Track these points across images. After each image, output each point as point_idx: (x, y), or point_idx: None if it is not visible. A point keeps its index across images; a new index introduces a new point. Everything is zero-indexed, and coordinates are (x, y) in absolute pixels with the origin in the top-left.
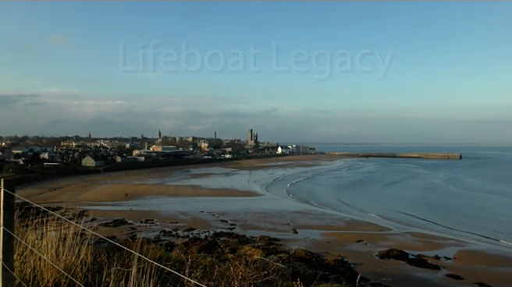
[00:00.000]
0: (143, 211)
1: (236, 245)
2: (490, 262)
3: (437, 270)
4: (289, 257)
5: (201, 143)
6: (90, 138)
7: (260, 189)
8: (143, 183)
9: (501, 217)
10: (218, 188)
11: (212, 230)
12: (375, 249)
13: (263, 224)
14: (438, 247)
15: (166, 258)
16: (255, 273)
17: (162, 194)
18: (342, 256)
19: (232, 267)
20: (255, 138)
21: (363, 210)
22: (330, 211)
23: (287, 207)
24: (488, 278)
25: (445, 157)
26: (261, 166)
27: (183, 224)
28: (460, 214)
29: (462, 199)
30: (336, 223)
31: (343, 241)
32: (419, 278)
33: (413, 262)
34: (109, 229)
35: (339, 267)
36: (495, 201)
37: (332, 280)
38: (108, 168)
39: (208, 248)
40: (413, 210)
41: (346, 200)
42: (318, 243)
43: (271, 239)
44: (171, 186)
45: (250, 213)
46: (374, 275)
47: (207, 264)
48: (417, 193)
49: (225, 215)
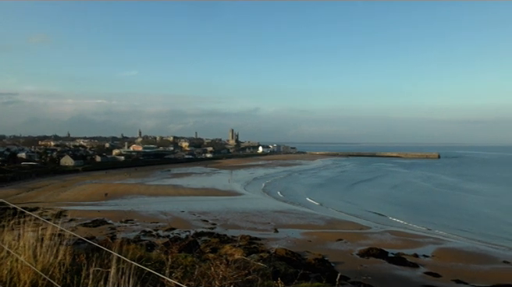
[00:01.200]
0: (123, 211)
1: (216, 244)
2: (467, 259)
3: (416, 268)
4: (270, 256)
5: (182, 142)
6: (69, 137)
7: (241, 189)
8: (123, 183)
9: (477, 215)
10: (199, 187)
11: (193, 230)
12: (355, 247)
13: (244, 223)
14: (417, 245)
15: (146, 258)
16: (236, 272)
17: (143, 194)
18: (322, 255)
19: (213, 266)
20: (236, 137)
21: (343, 208)
22: (311, 210)
23: (268, 206)
24: (464, 275)
25: (423, 156)
26: (242, 165)
27: (163, 224)
28: (437, 212)
29: (439, 197)
30: (316, 222)
31: (324, 240)
32: (398, 276)
33: (392, 260)
34: (88, 230)
35: (320, 266)
36: (471, 200)
37: (312, 279)
38: (87, 168)
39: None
40: (392, 209)
41: (326, 199)
42: (299, 242)
43: (252, 239)
44: (151, 185)
45: (231, 212)
46: (354, 274)
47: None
48: (396, 192)
49: (206, 215)
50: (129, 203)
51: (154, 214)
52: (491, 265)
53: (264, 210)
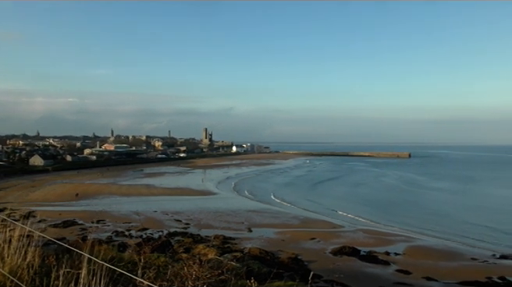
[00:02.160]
0: (94, 211)
1: (190, 244)
2: (437, 257)
3: (387, 265)
4: (243, 256)
5: (155, 141)
6: (39, 136)
7: (214, 188)
8: (94, 183)
9: (445, 213)
10: (172, 187)
11: (166, 230)
12: (328, 246)
13: (218, 223)
14: (388, 243)
15: (118, 259)
16: (209, 272)
17: (115, 194)
18: (296, 254)
19: (186, 266)
20: (210, 137)
21: (316, 207)
22: (284, 209)
23: (242, 205)
24: (434, 272)
25: (395, 155)
26: (215, 165)
27: (136, 224)
28: (408, 210)
29: (410, 196)
30: (290, 221)
31: (297, 239)
32: (370, 274)
33: (364, 258)
34: (59, 230)
35: (293, 265)
36: (440, 198)
37: (286, 278)
38: (57, 168)
39: (161, 248)
40: (364, 208)
41: (299, 198)
42: (273, 242)
43: (225, 238)
44: (124, 185)
45: (204, 212)
46: (327, 272)
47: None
48: (368, 191)
49: (179, 215)
50: (100, 204)
51: (127, 214)
52: (459, 262)
53: (238, 209)
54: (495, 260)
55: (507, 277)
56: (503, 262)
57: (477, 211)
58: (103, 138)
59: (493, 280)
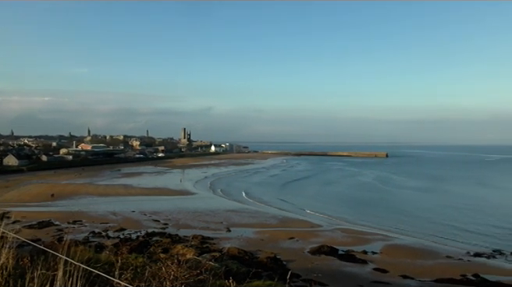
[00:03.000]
0: (71, 212)
1: (168, 244)
2: (413, 255)
3: (365, 264)
4: (222, 256)
5: (133, 141)
6: (13, 136)
7: (193, 188)
8: (71, 183)
9: (422, 212)
10: (150, 187)
11: (144, 230)
12: (307, 245)
13: (196, 223)
14: (366, 242)
15: (95, 260)
16: (188, 272)
17: (92, 194)
18: (274, 254)
19: (164, 267)
20: (188, 136)
21: (295, 207)
22: (263, 209)
23: (221, 205)
24: (411, 270)
25: (372, 155)
26: (194, 165)
27: (113, 225)
28: (385, 209)
29: (387, 195)
30: (268, 221)
31: (276, 238)
32: (348, 273)
33: (342, 257)
34: (34, 231)
35: (272, 265)
36: (416, 197)
37: (265, 277)
38: (32, 168)
39: (139, 248)
40: (342, 207)
41: (278, 198)
42: (252, 241)
43: (204, 238)
44: (101, 185)
45: (183, 212)
46: (305, 271)
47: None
48: (345, 190)
49: (157, 215)
50: (77, 204)
51: (104, 215)
52: (435, 260)
53: (217, 209)
54: (469, 257)
55: (481, 274)
56: (477, 260)
57: (451, 210)
58: (79, 138)
59: (468, 277)
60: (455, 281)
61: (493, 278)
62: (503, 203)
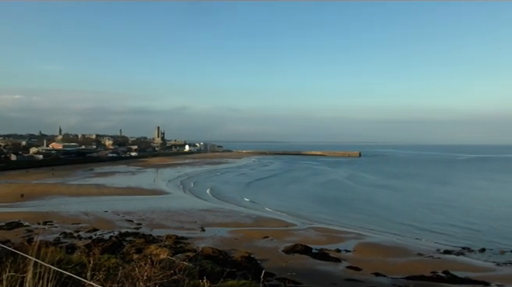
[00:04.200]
0: (41, 212)
1: (142, 245)
2: (385, 253)
3: (338, 262)
4: (196, 256)
5: (106, 140)
6: None
7: (167, 188)
8: (41, 183)
9: (395, 210)
10: (123, 187)
11: (117, 230)
12: (281, 244)
13: (170, 222)
14: (339, 241)
15: (67, 261)
16: (161, 273)
17: (63, 194)
18: (249, 253)
19: (138, 267)
20: (162, 136)
21: (269, 206)
22: (238, 209)
23: (195, 205)
24: (383, 268)
25: (346, 154)
26: (168, 164)
27: (85, 225)
28: (358, 208)
29: (360, 194)
30: (243, 220)
31: (250, 238)
32: (322, 271)
33: (316, 256)
34: (2, 233)
35: (247, 264)
36: (388, 196)
37: (239, 276)
38: (1, 167)
39: (112, 249)
40: (316, 206)
41: (252, 198)
42: (226, 241)
43: (178, 238)
44: (73, 185)
45: (156, 212)
46: (280, 270)
47: (111, 266)
48: (319, 189)
49: (130, 215)
50: (48, 204)
51: (76, 215)
52: (406, 258)
53: (191, 209)
54: (439, 254)
55: (450, 271)
56: (447, 257)
57: (422, 208)
58: (50, 137)
59: (438, 274)
60: (426, 278)
61: (462, 274)
62: (471, 201)
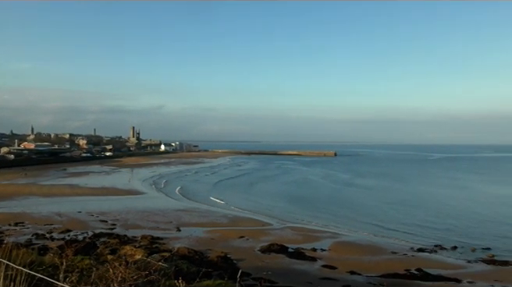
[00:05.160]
0: (12, 213)
1: (116, 245)
2: (361, 252)
3: (314, 261)
4: (172, 256)
5: (80, 140)
6: None
7: (142, 188)
8: (12, 183)
9: (369, 209)
10: (97, 187)
11: (91, 231)
12: (257, 244)
13: (145, 223)
14: (315, 240)
15: (39, 263)
16: (136, 273)
17: (35, 194)
18: (225, 253)
19: (112, 268)
20: (138, 135)
21: (245, 206)
22: (214, 208)
23: (170, 205)
24: (358, 266)
25: (321, 154)
26: (143, 164)
27: (58, 226)
28: (333, 207)
29: (335, 193)
30: (219, 220)
31: (227, 237)
32: (297, 270)
33: (292, 255)
34: None
35: (223, 264)
36: (363, 195)
37: (215, 276)
38: None
39: (85, 250)
40: (292, 205)
41: (228, 197)
42: (202, 241)
43: (153, 238)
44: (45, 185)
45: (131, 212)
46: (256, 270)
47: (84, 267)
48: (295, 189)
49: (105, 215)
50: (19, 205)
51: (48, 216)
52: (381, 256)
53: (167, 209)
54: (413, 252)
55: (424, 268)
56: (420, 255)
57: (396, 207)
58: (22, 136)
59: (411, 272)
60: (399, 276)
61: (435, 271)
62: (443, 199)
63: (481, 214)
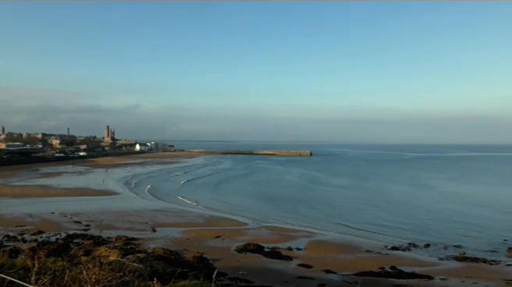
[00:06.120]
0: None
1: (90, 246)
2: (336, 250)
3: (290, 260)
4: (147, 256)
5: (53, 139)
6: None
7: (117, 188)
8: None
9: (344, 208)
10: (71, 187)
11: (64, 232)
12: (233, 244)
13: (120, 223)
14: (290, 239)
15: (10, 265)
16: (110, 275)
17: (6, 195)
18: (201, 253)
19: (85, 270)
20: (112, 135)
21: (220, 206)
22: (189, 209)
23: (146, 205)
24: (333, 265)
25: (297, 154)
26: (118, 164)
27: (30, 228)
28: (309, 206)
29: (311, 192)
30: (195, 220)
31: (202, 237)
32: (274, 269)
33: (268, 254)
34: None
35: (199, 264)
36: (338, 194)
37: (191, 277)
38: None
39: (59, 251)
40: (268, 205)
41: (203, 197)
42: (178, 241)
43: (128, 239)
44: (17, 186)
45: (106, 212)
46: (232, 270)
47: (57, 269)
48: (271, 188)
49: (79, 216)
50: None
51: (20, 217)
52: (355, 254)
53: (142, 209)
54: (387, 251)
55: (397, 266)
56: (394, 253)
57: (370, 206)
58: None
59: (385, 270)
60: (374, 274)
61: (408, 269)
62: (417, 198)
63: (453, 212)
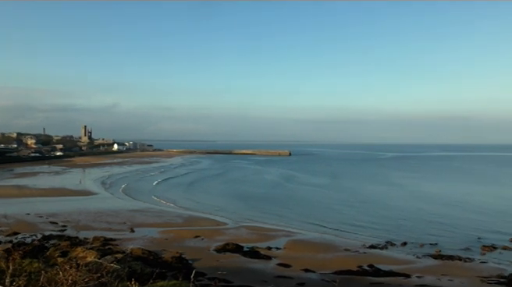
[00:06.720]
0: None
1: (67, 247)
2: (315, 249)
3: (269, 260)
4: (125, 257)
5: (28, 139)
6: None
7: (94, 188)
8: None
9: (323, 207)
10: (47, 188)
11: (40, 233)
12: (212, 244)
13: (98, 224)
14: (270, 239)
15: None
16: (87, 276)
17: None
18: (180, 253)
19: (62, 271)
20: (89, 134)
21: (199, 206)
22: (168, 208)
23: (124, 205)
24: (312, 264)
25: (276, 154)
26: (95, 164)
27: (4, 229)
28: (288, 206)
29: (290, 192)
30: (174, 220)
31: (181, 237)
32: (253, 269)
33: (247, 254)
34: None
35: (177, 264)
36: (316, 193)
37: (169, 277)
38: None
39: (34, 253)
40: (247, 204)
41: (184, 197)
42: (156, 241)
43: (106, 239)
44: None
45: (83, 213)
46: (211, 270)
47: (32, 271)
48: (250, 188)
49: (55, 216)
50: None
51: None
52: (334, 253)
53: (120, 209)
54: (365, 249)
55: (375, 264)
56: (372, 251)
57: (348, 205)
58: None
59: (363, 268)
60: (352, 272)
61: (386, 267)
62: (390, 198)
63: (427, 212)
